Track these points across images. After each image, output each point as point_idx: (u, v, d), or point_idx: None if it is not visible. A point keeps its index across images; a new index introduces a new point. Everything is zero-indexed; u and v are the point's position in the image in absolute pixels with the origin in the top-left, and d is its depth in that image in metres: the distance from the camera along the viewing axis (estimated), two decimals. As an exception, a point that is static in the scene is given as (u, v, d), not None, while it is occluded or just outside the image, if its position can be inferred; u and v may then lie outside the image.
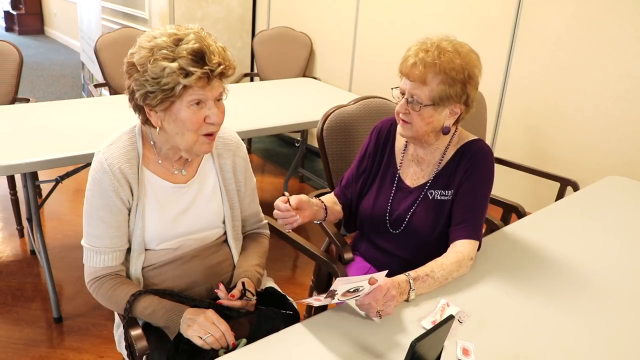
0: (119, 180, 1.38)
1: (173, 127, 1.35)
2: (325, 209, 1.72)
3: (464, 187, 1.59)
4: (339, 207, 1.79)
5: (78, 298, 2.63)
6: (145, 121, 1.40)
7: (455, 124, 1.62)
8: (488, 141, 3.22)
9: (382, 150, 1.74)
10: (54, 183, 2.76)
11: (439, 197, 1.62)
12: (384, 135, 1.74)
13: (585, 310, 1.41)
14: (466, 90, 1.52)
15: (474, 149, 1.61)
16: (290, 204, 1.52)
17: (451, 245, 1.54)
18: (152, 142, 1.45)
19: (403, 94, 1.55)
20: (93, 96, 3.47)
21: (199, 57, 1.28)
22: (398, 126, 1.61)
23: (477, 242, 1.54)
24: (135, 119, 1.44)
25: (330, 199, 1.79)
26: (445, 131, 1.58)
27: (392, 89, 1.60)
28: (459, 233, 1.54)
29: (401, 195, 1.68)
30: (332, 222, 1.79)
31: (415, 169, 1.68)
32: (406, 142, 1.70)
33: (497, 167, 3.12)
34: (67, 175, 2.69)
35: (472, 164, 1.59)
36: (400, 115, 1.57)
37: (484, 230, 2.01)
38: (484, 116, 2.63)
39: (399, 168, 1.70)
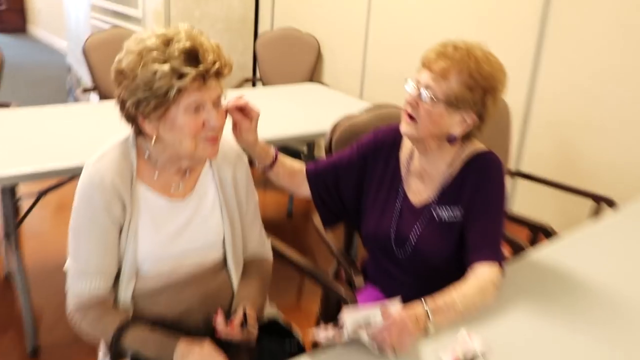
0: (110, 195, 1.39)
1: (170, 136, 1.36)
2: (275, 158, 1.70)
3: (475, 206, 1.58)
4: (300, 175, 1.76)
5: (58, 327, 2.61)
6: (139, 132, 1.41)
7: (463, 139, 1.62)
8: (513, 155, 3.22)
9: (386, 162, 1.73)
10: (35, 198, 2.76)
11: (446, 217, 1.62)
12: (388, 145, 1.74)
13: (628, 348, 1.39)
14: (485, 100, 1.53)
15: (482, 162, 1.61)
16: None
17: (470, 271, 1.52)
18: (147, 154, 1.45)
19: (418, 86, 1.56)
20: (80, 102, 3.49)
21: (192, 56, 1.30)
22: (401, 123, 1.61)
23: (500, 266, 1.53)
24: (128, 128, 1.44)
25: (295, 163, 1.77)
26: (451, 139, 1.58)
27: (406, 79, 1.59)
28: (477, 258, 1.53)
29: (406, 214, 1.68)
30: (282, 180, 1.75)
31: (418, 184, 1.68)
32: (410, 152, 1.70)
33: (524, 184, 3.14)
34: (50, 189, 2.70)
35: (481, 179, 1.59)
36: (408, 109, 1.57)
37: (508, 254, 2.01)
38: (507, 127, 2.63)
39: (403, 182, 1.70)
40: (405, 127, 1.59)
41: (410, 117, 1.57)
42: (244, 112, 1.57)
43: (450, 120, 1.55)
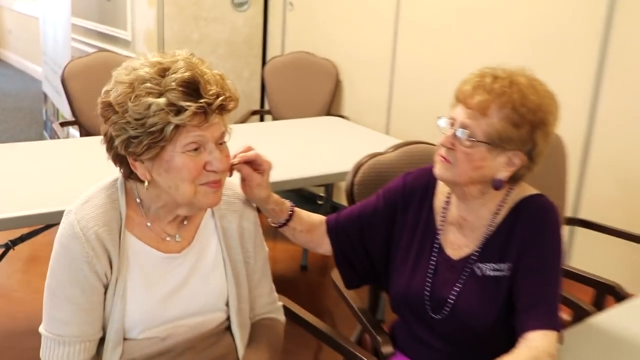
0: (95, 248, 1.41)
1: (165, 179, 1.39)
2: (292, 213, 1.71)
3: (526, 261, 1.58)
4: (320, 230, 1.78)
5: (27, 406, 2.61)
6: (129, 174, 1.43)
7: (511, 182, 1.62)
8: (570, 198, 3.21)
9: (418, 211, 1.74)
10: (2, 249, 2.79)
11: (490, 273, 1.62)
12: (420, 191, 1.75)
13: None
14: (534, 136, 1.54)
15: (533, 208, 1.61)
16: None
17: (520, 338, 1.51)
18: (138, 200, 1.48)
19: (453, 124, 1.57)
20: (58, 137, 3.54)
21: (192, 88, 1.33)
22: (435, 166, 1.62)
23: (556, 333, 1.51)
24: (116, 169, 1.47)
25: (313, 217, 1.79)
26: (496, 185, 1.59)
27: (438, 117, 1.62)
28: (529, 322, 1.52)
29: (442, 270, 1.68)
30: (300, 237, 1.76)
31: (456, 235, 1.69)
32: (447, 198, 1.71)
33: (584, 233, 3.11)
34: (21, 239, 2.73)
35: (532, 228, 1.59)
36: (442, 151, 1.59)
37: (567, 318, 1.99)
38: (563, 166, 2.63)
39: (438, 233, 1.71)
40: (439, 170, 1.61)
41: (445, 159, 1.59)
42: (253, 165, 1.60)
43: (493, 163, 1.56)
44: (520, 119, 1.51)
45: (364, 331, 2.02)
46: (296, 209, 1.75)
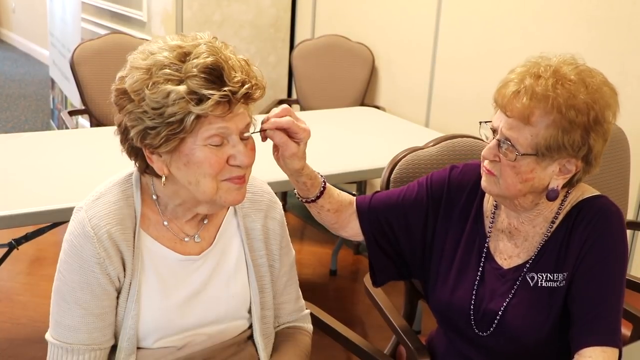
0: (107, 248, 1.43)
1: (184, 174, 1.40)
2: (323, 189, 1.67)
3: (585, 267, 1.56)
4: (349, 210, 1.75)
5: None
6: (145, 169, 1.45)
7: (567, 187, 1.61)
8: (634, 200, 3.17)
9: (465, 211, 1.74)
10: (6, 249, 2.82)
11: (544, 284, 1.61)
12: (469, 189, 1.74)
13: None
14: (588, 140, 1.50)
15: (593, 210, 1.59)
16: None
17: (576, 355, 1.51)
18: (154, 197, 1.50)
19: (495, 132, 1.56)
20: (67, 127, 3.58)
21: (215, 74, 1.34)
22: (482, 177, 1.62)
23: (616, 350, 1.51)
24: (131, 163, 1.49)
25: (344, 196, 1.76)
26: (551, 196, 1.57)
27: (480, 122, 1.61)
28: (586, 337, 1.51)
29: (490, 279, 1.68)
30: (326, 216, 1.73)
31: (506, 243, 1.68)
32: (496, 202, 1.70)
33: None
34: (26, 238, 2.76)
35: (592, 233, 1.57)
36: (486, 163, 1.58)
37: (630, 333, 1.97)
38: (625, 164, 2.60)
39: (487, 239, 1.71)
40: (486, 183, 1.60)
41: (490, 172, 1.58)
42: (288, 132, 1.53)
43: (544, 173, 1.54)
44: (569, 124, 1.48)
45: (399, 343, 2.02)
46: (328, 185, 1.71)
